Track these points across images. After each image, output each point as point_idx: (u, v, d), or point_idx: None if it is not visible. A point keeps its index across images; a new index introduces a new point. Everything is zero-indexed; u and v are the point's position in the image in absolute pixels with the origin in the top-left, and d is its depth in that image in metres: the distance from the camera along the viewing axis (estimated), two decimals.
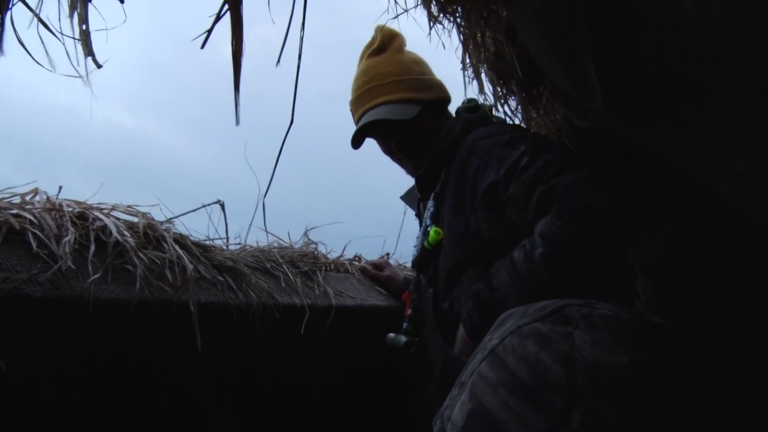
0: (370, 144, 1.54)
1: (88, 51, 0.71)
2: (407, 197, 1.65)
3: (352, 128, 1.48)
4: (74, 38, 0.70)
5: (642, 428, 0.47)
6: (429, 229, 1.38)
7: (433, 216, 1.41)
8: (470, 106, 1.45)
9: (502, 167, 1.21)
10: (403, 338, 1.40)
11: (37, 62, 0.69)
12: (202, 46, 0.72)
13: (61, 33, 0.73)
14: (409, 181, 1.59)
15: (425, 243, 1.38)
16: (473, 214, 1.30)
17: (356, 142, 1.49)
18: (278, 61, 0.75)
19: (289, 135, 1.02)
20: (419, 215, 1.59)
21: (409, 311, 1.46)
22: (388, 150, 1.52)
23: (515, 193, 1.19)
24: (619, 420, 0.46)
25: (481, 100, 1.48)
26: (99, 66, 0.72)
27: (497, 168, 1.23)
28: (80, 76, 0.72)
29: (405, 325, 1.44)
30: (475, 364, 0.56)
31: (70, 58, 0.71)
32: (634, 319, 0.53)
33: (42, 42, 0.70)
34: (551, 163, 1.14)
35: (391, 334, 1.44)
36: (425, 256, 1.41)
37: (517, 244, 1.18)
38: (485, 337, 0.58)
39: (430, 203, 1.43)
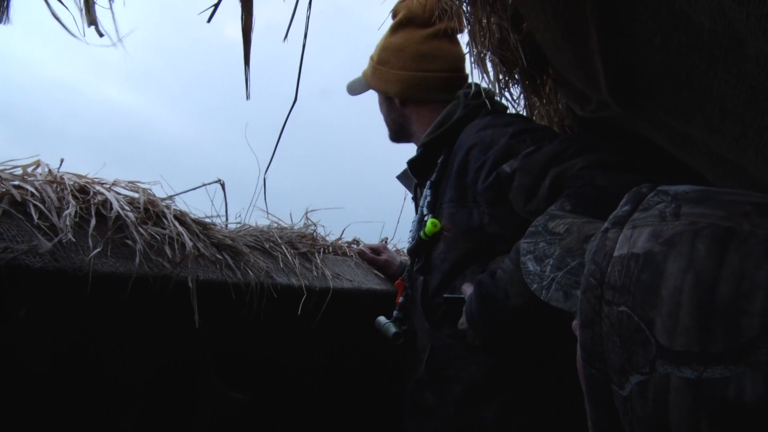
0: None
1: (92, 20, 0.70)
2: (403, 177, 1.63)
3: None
4: (80, 8, 0.69)
5: None
6: (426, 219, 1.37)
7: (430, 205, 1.40)
8: (471, 92, 1.44)
9: (507, 160, 1.19)
10: (392, 329, 1.40)
11: (59, 20, 0.68)
12: (209, 20, 0.71)
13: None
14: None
15: (421, 234, 1.37)
16: (475, 207, 1.29)
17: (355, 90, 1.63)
18: (285, 36, 0.75)
19: (292, 119, 1.02)
20: (415, 199, 1.59)
21: (400, 299, 1.46)
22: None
23: (523, 181, 1.15)
24: None
25: (484, 85, 1.47)
26: (101, 35, 0.72)
27: (502, 161, 1.20)
28: (107, 35, 0.72)
29: (395, 312, 1.44)
30: (709, 215, 0.45)
31: (76, 23, 0.70)
32: None
33: (48, 4, 0.69)
34: (565, 149, 1.12)
35: (382, 318, 1.44)
36: (420, 245, 1.41)
37: (544, 205, 1.14)
38: (738, 197, 0.46)
39: (427, 191, 1.42)
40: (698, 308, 0.42)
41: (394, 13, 1.51)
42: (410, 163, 1.50)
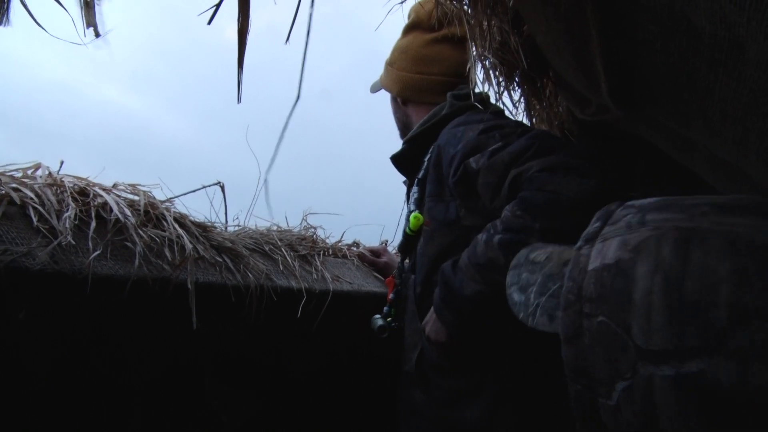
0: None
1: (90, 21, 0.70)
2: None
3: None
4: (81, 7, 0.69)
5: None
6: (411, 214, 1.40)
7: (417, 202, 1.43)
8: (460, 93, 1.45)
9: (474, 156, 1.21)
10: (378, 322, 1.42)
11: (43, 28, 0.68)
12: (209, 22, 0.71)
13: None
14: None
15: (407, 229, 1.40)
16: (453, 200, 1.31)
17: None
18: (288, 38, 0.74)
19: (292, 119, 1.01)
20: (408, 197, 1.61)
21: (390, 296, 1.47)
22: None
23: (489, 178, 1.18)
24: None
25: (485, 88, 1.48)
26: (98, 35, 0.72)
27: (469, 155, 1.22)
28: (106, 37, 0.72)
29: (386, 309, 1.45)
30: (671, 219, 0.47)
31: (75, 27, 0.70)
32: None
33: None
34: (527, 148, 1.13)
35: (376, 316, 1.46)
36: (407, 241, 1.43)
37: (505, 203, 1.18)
38: (698, 202, 0.48)
39: (414, 188, 1.45)
40: (669, 307, 0.44)
41: (408, 15, 1.54)
42: (393, 158, 1.53)
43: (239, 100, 0.83)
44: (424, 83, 1.49)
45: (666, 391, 0.43)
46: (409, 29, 1.53)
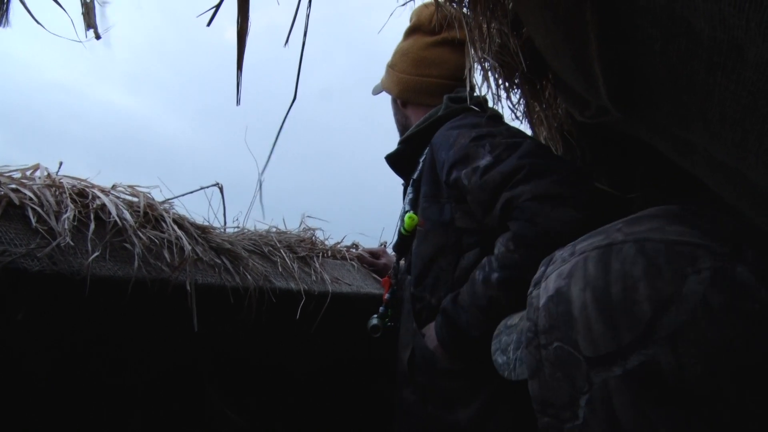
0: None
1: (90, 23, 0.70)
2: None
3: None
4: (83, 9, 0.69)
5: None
6: (405, 214, 1.40)
7: (412, 202, 1.43)
8: (456, 96, 1.45)
9: (464, 168, 1.22)
10: (372, 321, 1.42)
11: (43, 26, 0.68)
12: (209, 24, 0.71)
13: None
14: None
15: (402, 229, 1.41)
16: (448, 202, 1.32)
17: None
18: (287, 41, 0.74)
19: (290, 120, 1.01)
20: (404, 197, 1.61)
21: (386, 296, 1.48)
22: None
23: (480, 197, 1.19)
24: (674, 384, 0.44)
25: (484, 91, 1.48)
26: (99, 37, 0.72)
27: (458, 165, 1.23)
28: (105, 38, 0.72)
29: (382, 309, 1.45)
30: (593, 243, 0.54)
31: (75, 28, 0.70)
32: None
33: None
34: (517, 170, 1.14)
35: (373, 316, 1.46)
36: (402, 241, 1.44)
37: (488, 237, 1.21)
38: (615, 224, 0.55)
39: (410, 189, 1.46)
40: (601, 313, 0.49)
41: (409, 18, 1.54)
42: (388, 158, 1.54)
43: (238, 102, 0.83)
44: (423, 86, 1.50)
45: (620, 390, 0.48)
46: (410, 32, 1.54)
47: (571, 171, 1.14)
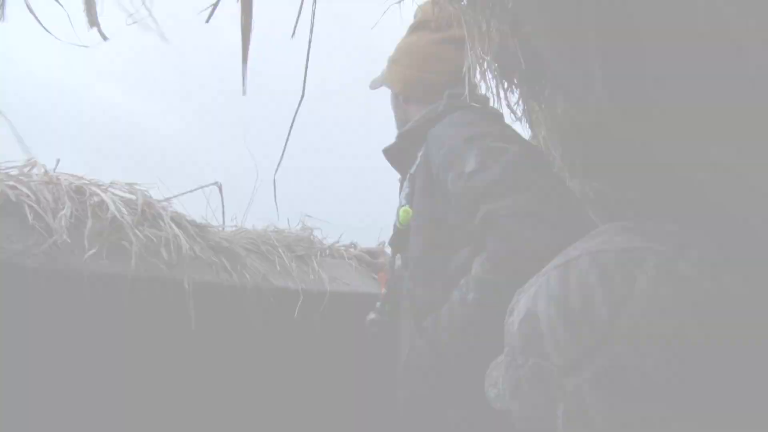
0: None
1: (93, 21, 0.70)
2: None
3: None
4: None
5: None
6: (400, 209, 1.40)
7: (407, 196, 1.42)
8: (458, 92, 1.45)
9: (451, 171, 1.22)
10: (369, 316, 1.41)
11: (43, 26, 0.67)
12: (207, 20, 0.71)
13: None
14: None
15: (397, 223, 1.40)
16: (440, 198, 1.31)
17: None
18: (293, 32, 0.74)
19: (296, 119, 1.00)
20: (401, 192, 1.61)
21: (383, 291, 1.47)
22: None
23: (462, 202, 1.19)
24: (638, 374, 0.48)
25: (483, 90, 1.48)
26: (105, 38, 0.71)
27: (446, 166, 1.23)
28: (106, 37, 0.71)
29: (378, 304, 1.45)
30: (554, 263, 0.59)
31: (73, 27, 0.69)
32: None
33: None
34: (500, 180, 1.14)
35: (371, 312, 1.45)
36: (397, 235, 1.43)
37: (477, 237, 1.19)
38: (573, 244, 0.60)
39: (406, 183, 1.45)
40: (565, 323, 0.54)
41: (414, 14, 1.54)
42: (385, 151, 1.53)
43: (244, 92, 0.82)
44: (426, 82, 1.49)
45: (592, 392, 0.51)
46: (416, 28, 1.53)
47: (552, 187, 1.14)
